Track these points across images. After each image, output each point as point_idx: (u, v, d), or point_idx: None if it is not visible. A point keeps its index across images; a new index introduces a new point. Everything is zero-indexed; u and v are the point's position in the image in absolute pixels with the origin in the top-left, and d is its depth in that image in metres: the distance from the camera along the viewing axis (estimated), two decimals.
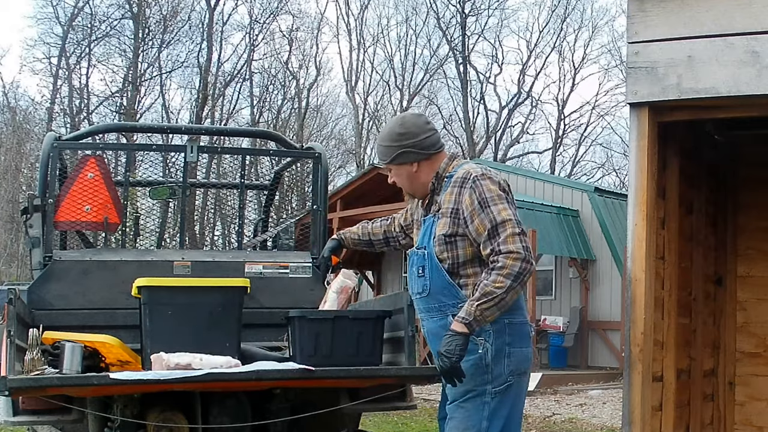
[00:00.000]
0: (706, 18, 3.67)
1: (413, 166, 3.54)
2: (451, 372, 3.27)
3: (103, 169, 5.06)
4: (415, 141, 3.52)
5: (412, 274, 3.56)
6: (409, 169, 3.55)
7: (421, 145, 3.52)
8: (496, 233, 3.30)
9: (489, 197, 3.36)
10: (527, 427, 10.40)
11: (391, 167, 3.60)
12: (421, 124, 3.58)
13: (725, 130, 4.71)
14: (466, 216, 3.38)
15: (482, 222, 3.33)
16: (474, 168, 3.47)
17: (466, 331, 3.24)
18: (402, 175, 3.58)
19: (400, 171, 3.58)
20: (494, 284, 3.23)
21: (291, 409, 4.20)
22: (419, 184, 3.57)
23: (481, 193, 3.37)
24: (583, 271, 17.54)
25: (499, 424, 3.38)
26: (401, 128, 3.55)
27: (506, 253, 3.26)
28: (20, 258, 26.22)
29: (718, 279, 5.23)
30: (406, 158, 3.53)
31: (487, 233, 3.31)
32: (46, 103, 31.56)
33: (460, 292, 3.41)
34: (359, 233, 4.02)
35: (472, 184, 3.40)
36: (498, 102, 37.13)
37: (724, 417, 5.20)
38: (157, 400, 4.04)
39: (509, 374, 3.40)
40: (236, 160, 6.79)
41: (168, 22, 32.38)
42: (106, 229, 5.13)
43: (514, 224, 3.31)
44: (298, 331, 3.97)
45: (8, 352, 3.58)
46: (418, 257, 3.52)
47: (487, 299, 3.22)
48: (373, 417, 9.78)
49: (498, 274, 3.25)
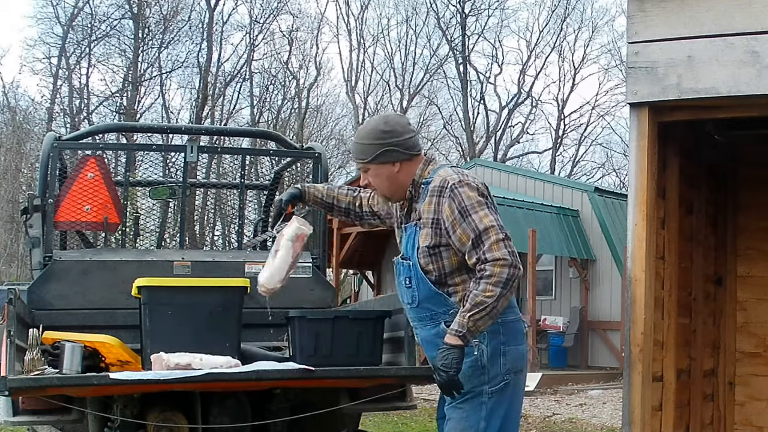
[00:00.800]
0: (706, 18, 3.67)
1: (395, 166, 3.46)
2: (449, 385, 3.26)
3: (103, 169, 5.06)
4: (399, 140, 3.44)
5: (401, 284, 3.53)
6: (391, 169, 3.46)
7: (405, 144, 3.46)
8: (480, 242, 3.25)
9: (469, 205, 3.30)
10: (527, 427, 10.40)
11: (370, 167, 3.49)
12: (405, 123, 3.53)
13: (725, 130, 4.71)
14: (447, 226, 3.33)
15: (465, 232, 3.28)
16: (450, 174, 3.40)
17: (461, 343, 3.22)
18: (382, 176, 3.48)
19: (381, 171, 3.48)
20: (484, 294, 3.20)
21: (291, 409, 4.20)
22: (398, 185, 3.49)
23: (461, 201, 3.31)
24: (583, 271, 17.54)
25: (497, 423, 3.38)
26: (386, 126, 3.47)
27: (493, 261, 3.22)
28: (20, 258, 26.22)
29: (718, 279, 5.23)
30: (388, 157, 3.45)
31: (471, 243, 3.27)
32: (46, 103, 31.58)
33: (449, 300, 3.39)
34: (324, 192, 3.86)
35: (450, 192, 3.33)
36: (498, 102, 37.16)
37: (724, 417, 5.20)
38: (157, 400, 4.04)
39: (505, 373, 3.39)
40: (236, 160, 6.80)
41: (168, 22, 32.38)
42: (106, 229, 5.14)
43: (497, 230, 3.26)
44: (298, 331, 3.97)
45: (8, 352, 3.58)
46: (405, 268, 3.48)
47: (478, 310, 3.19)
48: (373, 417, 9.78)
49: (487, 283, 3.21)
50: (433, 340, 3.41)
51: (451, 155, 37.58)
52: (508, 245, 3.26)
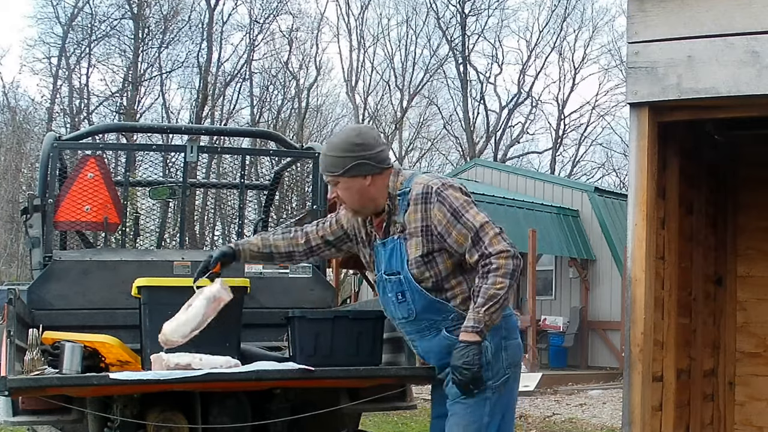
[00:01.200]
0: (706, 18, 3.67)
1: (367, 180, 3.41)
2: (472, 382, 3.27)
3: (103, 169, 5.07)
4: (372, 153, 3.41)
5: (390, 300, 3.51)
6: (363, 182, 3.41)
7: (377, 158, 3.42)
8: (479, 238, 3.29)
9: (459, 206, 3.33)
10: (527, 427, 10.40)
11: (341, 180, 3.43)
12: (376, 136, 3.50)
13: (725, 130, 4.71)
14: (441, 231, 3.34)
15: (460, 232, 3.31)
16: (430, 180, 3.41)
17: (479, 339, 3.25)
18: (352, 189, 3.43)
19: (352, 184, 3.42)
20: (495, 287, 3.24)
21: (291, 409, 4.20)
22: (368, 199, 3.45)
23: (451, 204, 3.33)
24: (583, 271, 17.55)
25: (498, 417, 3.41)
26: (358, 138, 3.42)
27: (497, 254, 3.26)
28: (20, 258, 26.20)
29: (718, 279, 5.23)
30: (360, 170, 3.40)
31: (470, 241, 3.30)
32: (46, 103, 31.54)
33: (448, 306, 3.41)
34: (259, 245, 3.77)
35: (437, 197, 3.34)
36: (498, 102, 37.13)
37: (724, 417, 5.20)
38: (157, 400, 4.04)
39: (507, 367, 3.43)
40: (236, 160, 6.79)
41: (168, 22, 32.37)
42: (106, 229, 5.14)
43: (492, 225, 3.31)
44: (298, 331, 3.96)
45: (8, 352, 3.58)
46: (393, 284, 3.46)
47: (492, 303, 3.23)
48: (373, 417, 9.78)
49: (495, 275, 3.25)
50: (437, 348, 3.44)
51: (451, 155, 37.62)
52: (506, 237, 3.32)
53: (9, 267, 27.33)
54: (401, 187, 3.44)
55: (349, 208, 3.55)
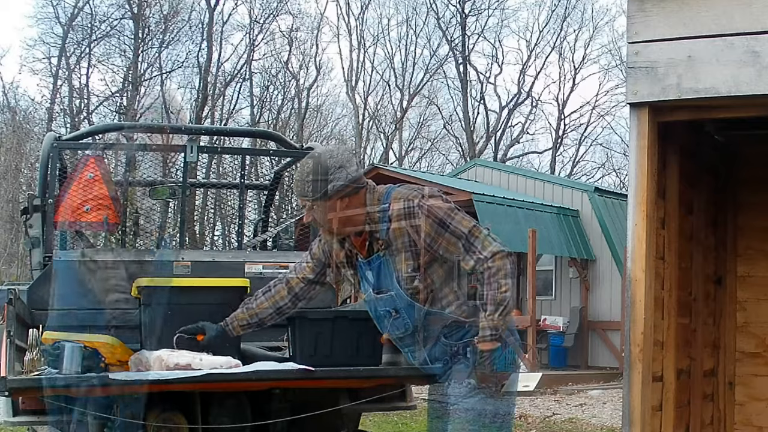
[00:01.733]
0: (706, 18, 3.67)
1: (344, 201, 3.42)
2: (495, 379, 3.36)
3: (103, 169, 5.06)
4: (345, 174, 3.40)
5: (383, 317, 3.52)
6: (339, 204, 3.42)
7: (352, 178, 3.42)
8: (471, 244, 3.32)
9: (444, 215, 3.36)
10: (527, 427, 10.40)
11: (317, 203, 3.43)
12: (349, 156, 3.48)
13: (725, 130, 4.71)
14: (429, 242, 3.35)
15: (450, 241, 3.35)
16: (408, 194, 3.41)
17: (499, 344, 3.31)
18: (329, 211, 3.44)
19: (328, 207, 3.43)
20: (500, 291, 3.29)
21: (291, 409, 4.20)
22: (345, 219, 3.45)
23: (435, 214, 3.35)
24: (583, 271, 17.54)
25: (499, 417, 3.45)
26: (331, 161, 3.40)
27: (492, 257, 3.30)
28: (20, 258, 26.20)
29: (718, 279, 5.23)
30: (336, 193, 3.40)
31: (462, 248, 3.33)
32: (46, 103, 31.55)
33: (445, 314, 3.44)
34: (245, 316, 3.82)
35: (421, 211, 3.35)
36: (498, 102, 37.16)
37: (724, 417, 5.20)
38: (157, 400, 4.04)
39: (509, 364, 3.47)
40: (236, 160, 6.79)
41: (168, 22, 32.37)
42: (106, 229, 5.13)
43: (479, 228, 3.35)
44: (298, 331, 3.96)
45: (8, 353, 3.58)
46: (385, 301, 3.47)
47: (503, 307, 3.29)
48: (373, 417, 9.78)
49: (498, 279, 3.29)
50: (438, 354, 3.47)
51: (451, 155, 37.64)
52: (495, 237, 3.37)
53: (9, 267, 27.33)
54: (378, 203, 3.43)
55: (326, 230, 3.55)
